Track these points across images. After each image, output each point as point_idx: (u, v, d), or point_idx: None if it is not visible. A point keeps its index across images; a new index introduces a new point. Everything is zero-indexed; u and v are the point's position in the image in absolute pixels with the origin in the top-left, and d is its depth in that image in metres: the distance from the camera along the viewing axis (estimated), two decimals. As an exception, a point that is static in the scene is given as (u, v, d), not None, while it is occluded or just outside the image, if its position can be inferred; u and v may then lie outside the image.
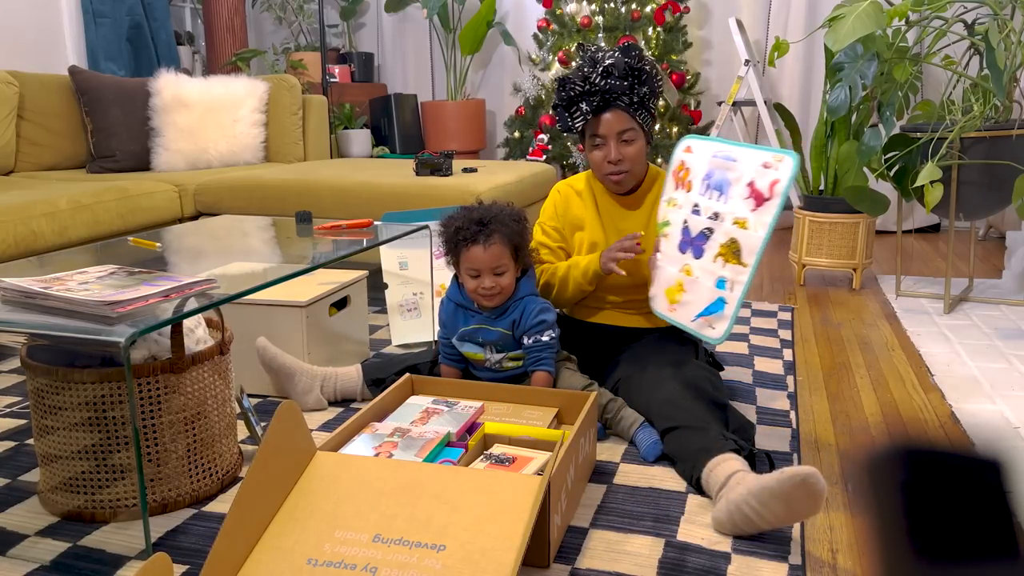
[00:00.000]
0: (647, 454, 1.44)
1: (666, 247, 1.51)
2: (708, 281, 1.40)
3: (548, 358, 1.55)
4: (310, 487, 1.10)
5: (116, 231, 2.39)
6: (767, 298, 2.67)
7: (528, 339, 1.55)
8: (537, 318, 1.54)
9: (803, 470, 1.10)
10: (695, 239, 1.43)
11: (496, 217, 1.53)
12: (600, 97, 1.59)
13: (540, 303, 1.57)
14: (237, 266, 1.48)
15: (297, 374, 1.69)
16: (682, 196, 1.49)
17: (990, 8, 2.25)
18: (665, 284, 1.50)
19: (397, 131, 4.37)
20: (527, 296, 1.56)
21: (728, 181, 1.39)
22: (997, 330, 2.27)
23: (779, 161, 1.33)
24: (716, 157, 1.42)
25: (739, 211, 1.36)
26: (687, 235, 1.45)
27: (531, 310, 1.54)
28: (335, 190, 2.49)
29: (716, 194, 1.41)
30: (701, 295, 1.41)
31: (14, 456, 1.50)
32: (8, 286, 1.18)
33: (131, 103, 3.11)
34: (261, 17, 4.83)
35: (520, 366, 1.59)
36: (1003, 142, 2.29)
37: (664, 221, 1.53)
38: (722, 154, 1.42)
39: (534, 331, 1.54)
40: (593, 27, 3.66)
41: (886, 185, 3.47)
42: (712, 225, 1.40)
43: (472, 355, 1.60)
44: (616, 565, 1.12)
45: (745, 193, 1.36)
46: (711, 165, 1.43)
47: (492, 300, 1.54)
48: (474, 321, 1.58)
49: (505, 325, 1.55)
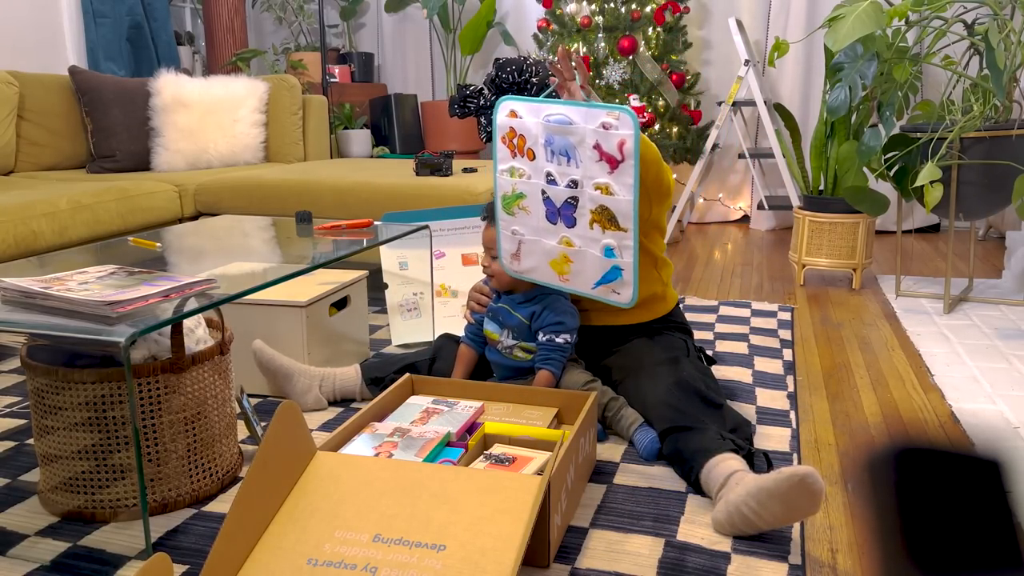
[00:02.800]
0: (646, 454, 1.44)
1: (530, 220, 1.44)
2: (594, 249, 1.36)
3: (557, 360, 1.56)
4: (310, 487, 1.10)
5: (116, 231, 2.40)
6: (767, 298, 2.67)
7: (543, 336, 1.56)
8: (556, 318, 1.56)
9: (801, 470, 1.10)
10: (562, 209, 1.38)
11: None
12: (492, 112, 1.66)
13: (566, 306, 1.59)
14: (237, 266, 1.48)
15: (295, 375, 1.69)
16: (526, 165, 1.42)
17: (990, 8, 2.25)
18: (546, 256, 1.44)
19: (397, 131, 4.37)
20: (554, 295, 1.59)
21: (572, 144, 1.33)
22: (997, 330, 2.27)
23: (616, 119, 1.27)
24: (549, 121, 1.35)
25: (597, 176, 1.31)
26: (551, 205, 1.39)
27: (554, 307, 1.57)
28: (335, 190, 2.49)
29: (564, 160, 1.35)
30: (592, 264, 1.37)
31: (14, 456, 1.50)
32: (8, 286, 1.18)
33: (131, 103, 3.11)
34: (261, 17, 4.83)
35: (530, 359, 1.59)
36: (1003, 142, 2.29)
37: (516, 193, 1.45)
38: (554, 117, 1.35)
39: (550, 330, 1.56)
40: (593, 27, 3.66)
41: (886, 185, 3.48)
42: (575, 193, 1.35)
43: (490, 334, 1.63)
44: (616, 565, 1.12)
45: (595, 157, 1.30)
46: (547, 130, 1.36)
47: (492, 280, 1.63)
48: (503, 301, 1.62)
49: (525, 313, 1.58)
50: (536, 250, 1.45)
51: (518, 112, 1.40)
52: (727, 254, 3.48)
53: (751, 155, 3.74)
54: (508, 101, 1.42)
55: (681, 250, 3.57)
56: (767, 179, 3.99)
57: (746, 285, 2.88)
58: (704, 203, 4.28)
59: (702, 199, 4.26)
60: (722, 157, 4.17)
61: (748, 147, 3.80)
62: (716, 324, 2.33)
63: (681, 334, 1.71)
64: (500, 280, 1.59)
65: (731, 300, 2.63)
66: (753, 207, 4.15)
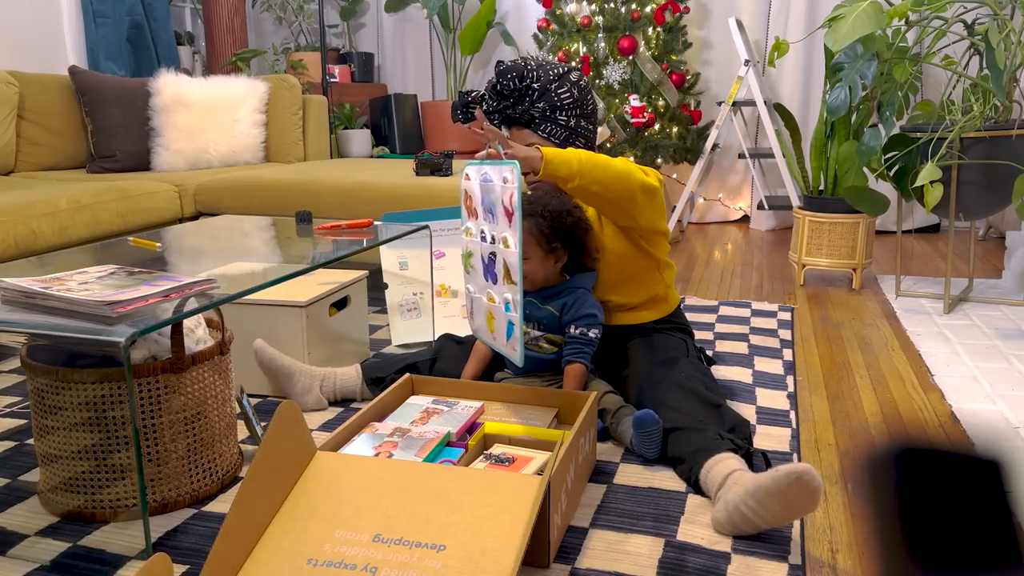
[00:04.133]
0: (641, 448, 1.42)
1: (475, 278, 1.50)
2: (501, 304, 1.41)
3: (588, 353, 1.57)
4: (310, 487, 1.10)
5: (116, 231, 2.40)
6: (767, 298, 2.67)
7: (575, 329, 1.57)
8: (589, 311, 1.57)
9: (798, 467, 1.10)
10: (487, 266, 1.43)
11: (532, 205, 1.57)
12: (497, 117, 1.67)
13: (595, 300, 1.61)
14: (237, 266, 1.48)
15: (296, 374, 1.69)
16: (473, 224, 1.49)
17: (990, 8, 2.25)
18: (483, 314, 1.50)
19: (397, 131, 4.37)
20: (582, 289, 1.60)
21: (493, 201, 1.38)
22: (997, 330, 2.27)
23: (510, 172, 1.31)
24: (483, 180, 1.41)
25: (503, 230, 1.36)
26: (483, 263, 1.45)
27: (584, 301, 1.58)
28: (335, 190, 2.49)
29: (490, 217, 1.40)
30: (501, 321, 1.42)
31: (14, 456, 1.50)
32: (8, 286, 1.18)
33: (131, 103, 3.11)
34: (261, 17, 4.83)
35: (554, 352, 1.60)
36: (1003, 142, 2.29)
37: (467, 252, 1.53)
38: (484, 176, 1.41)
39: (583, 323, 1.57)
40: (593, 27, 3.66)
41: (886, 185, 3.48)
42: (494, 248, 1.40)
43: None
44: (616, 565, 1.12)
45: (503, 211, 1.36)
46: (481, 189, 1.42)
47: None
48: (529, 296, 1.62)
49: (555, 306, 1.59)
50: (479, 308, 1.51)
51: (470, 175, 1.47)
52: (727, 254, 3.48)
53: (751, 155, 3.74)
54: (468, 166, 1.48)
55: (681, 250, 3.57)
56: (767, 179, 4.00)
57: (746, 285, 2.88)
58: (704, 203, 4.28)
59: (702, 199, 4.26)
60: (722, 157, 4.17)
61: (748, 147, 3.80)
62: (716, 324, 2.33)
63: (682, 334, 1.72)
64: (532, 280, 1.58)
65: (731, 300, 2.63)
66: (753, 207, 4.15)
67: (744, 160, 3.98)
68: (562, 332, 1.59)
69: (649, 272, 1.69)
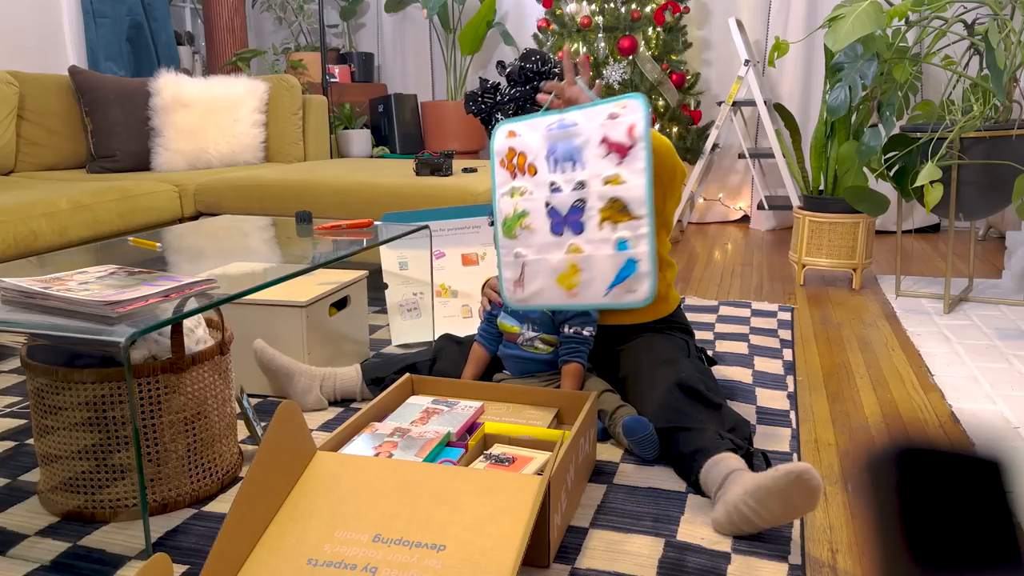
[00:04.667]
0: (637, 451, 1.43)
1: (534, 238, 1.42)
2: (605, 250, 1.34)
3: (583, 352, 1.58)
4: (310, 487, 1.10)
5: (116, 231, 2.40)
6: (767, 298, 2.67)
7: (569, 329, 1.58)
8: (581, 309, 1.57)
9: (798, 466, 1.10)
10: (568, 216, 1.36)
11: None
12: (512, 106, 1.65)
13: None
14: (237, 266, 1.48)
15: (296, 375, 1.69)
16: (527, 182, 1.40)
17: (990, 8, 2.25)
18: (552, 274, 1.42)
19: (397, 131, 4.37)
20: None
21: (577, 147, 1.33)
22: (997, 330, 2.27)
23: (624, 107, 1.27)
24: (552, 130, 1.35)
25: (604, 170, 1.30)
26: (557, 216, 1.38)
27: None
28: (335, 190, 2.49)
29: (569, 165, 1.34)
30: (602, 266, 1.35)
31: (14, 456, 1.50)
32: (8, 286, 1.18)
33: (131, 103, 3.11)
34: (261, 17, 4.83)
35: (550, 352, 1.60)
36: (1003, 142, 2.29)
37: (519, 213, 1.43)
38: (557, 124, 1.35)
39: (576, 321, 1.57)
40: (593, 27, 3.66)
41: (886, 185, 3.48)
42: (581, 195, 1.34)
43: (509, 328, 1.63)
44: (616, 565, 1.12)
45: (602, 152, 1.30)
46: (550, 139, 1.36)
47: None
48: None
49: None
50: (541, 270, 1.43)
51: (516, 131, 1.40)
52: (727, 254, 3.48)
53: (751, 155, 3.74)
54: (506, 124, 1.42)
55: (681, 250, 3.57)
56: (767, 179, 3.99)
57: (746, 285, 2.88)
58: (704, 203, 4.28)
59: (702, 199, 4.26)
60: (722, 157, 4.17)
61: (748, 147, 3.80)
62: (716, 324, 2.33)
63: (682, 334, 1.72)
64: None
65: (731, 300, 2.63)
66: (753, 207, 4.15)
67: (744, 160, 3.98)
68: (556, 332, 1.60)
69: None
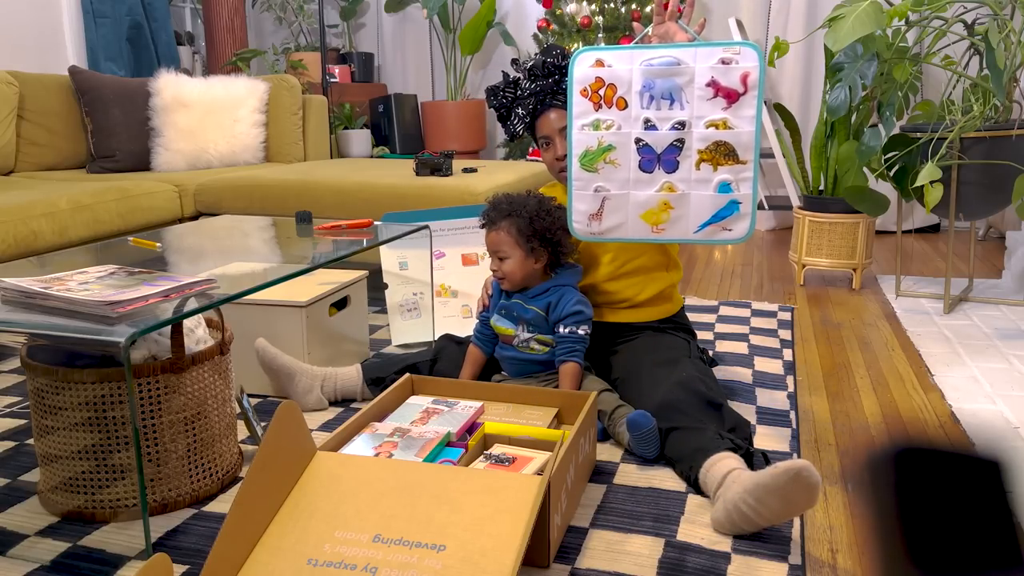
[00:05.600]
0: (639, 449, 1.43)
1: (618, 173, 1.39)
2: (704, 190, 1.35)
3: (580, 351, 1.57)
4: (310, 487, 1.10)
5: (116, 231, 2.39)
6: (767, 298, 2.67)
7: (564, 328, 1.57)
8: (575, 307, 1.57)
9: (796, 464, 1.10)
10: (664, 154, 1.35)
11: (512, 206, 1.58)
12: (532, 100, 1.65)
13: (580, 296, 1.61)
14: (237, 266, 1.48)
15: (297, 374, 1.69)
16: (615, 115, 1.37)
17: (990, 8, 2.25)
18: (638, 209, 1.40)
19: (397, 131, 4.37)
20: (567, 286, 1.60)
21: (677, 86, 1.31)
22: (997, 330, 2.27)
23: (737, 54, 1.26)
24: (651, 65, 1.32)
25: (709, 113, 1.30)
26: (650, 153, 1.36)
27: (570, 299, 1.58)
28: (335, 190, 2.49)
29: (667, 103, 1.32)
30: (698, 205, 1.35)
31: (14, 456, 1.50)
32: (8, 286, 1.18)
33: (131, 103, 3.11)
34: (261, 17, 4.83)
35: (546, 352, 1.60)
36: (1003, 142, 2.29)
37: (604, 147, 1.39)
38: (658, 60, 1.32)
39: (571, 321, 1.57)
40: (593, 27, 3.66)
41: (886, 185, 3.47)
42: (681, 135, 1.33)
43: (503, 330, 1.63)
44: (616, 565, 1.12)
45: (708, 94, 1.29)
46: (647, 75, 1.33)
47: (503, 282, 1.61)
48: (515, 297, 1.63)
49: (540, 305, 1.59)
50: (624, 204, 1.40)
51: (606, 61, 1.36)
52: (727, 254, 3.48)
53: (751, 155, 3.73)
54: (591, 51, 1.37)
55: (681, 250, 3.56)
56: (767, 179, 3.99)
57: (746, 285, 2.88)
58: (704, 203, 4.27)
59: (702, 199, 4.26)
60: (722, 157, 4.16)
61: (748, 147, 3.79)
62: (716, 324, 2.33)
63: (684, 335, 1.72)
64: (512, 280, 1.60)
65: (731, 300, 2.63)
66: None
67: (744, 160, 3.98)
68: (552, 332, 1.60)
69: (659, 267, 1.72)
